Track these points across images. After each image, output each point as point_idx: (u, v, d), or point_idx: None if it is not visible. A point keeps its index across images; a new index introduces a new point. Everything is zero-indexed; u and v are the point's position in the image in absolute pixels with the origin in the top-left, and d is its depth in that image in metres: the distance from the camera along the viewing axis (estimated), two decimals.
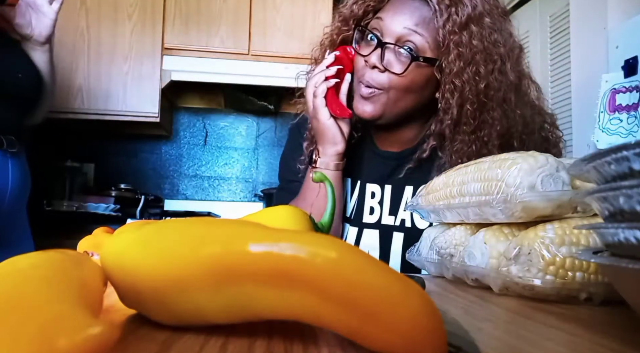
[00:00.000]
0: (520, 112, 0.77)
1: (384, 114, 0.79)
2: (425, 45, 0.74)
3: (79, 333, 0.17)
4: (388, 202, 0.87)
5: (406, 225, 0.85)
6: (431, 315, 0.22)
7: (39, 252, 0.26)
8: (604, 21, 1.70)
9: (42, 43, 1.26)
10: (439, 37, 0.74)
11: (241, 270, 0.24)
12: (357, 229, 0.88)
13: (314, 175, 0.51)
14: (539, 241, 0.42)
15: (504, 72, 0.75)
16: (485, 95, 0.74)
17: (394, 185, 0.87)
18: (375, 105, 0.78)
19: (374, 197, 0.88)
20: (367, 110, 0.79)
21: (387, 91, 0.77)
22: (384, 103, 0.78)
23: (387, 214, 0.86)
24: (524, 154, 0.47)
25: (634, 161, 0.25)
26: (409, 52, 0.74)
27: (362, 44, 0.80)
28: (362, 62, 0.79)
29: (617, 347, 0.28)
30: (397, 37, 0.75)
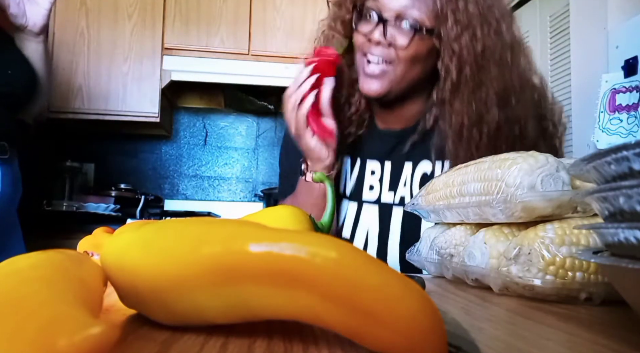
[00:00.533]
0: (517, 71, 0.78)
1: (391, 89, 0.79)
2: (424, 17, 0.75)
3: (79, 333, 0.17)
4: (388, 178, 0.87)
5: (406, 201, 0.85)
6: (431, 315, 0.22)
7: (39, 252, 0.26)
8: (604, 21, 1.70)
9: (36, 33, 1.25)
10: (436, 6, 0.75)
11: (241, 270, 0.24)
12: (356, 205, 0.89)
13: (314, 175, 0.51)
14: (539, 241, 0.42)
15: (499, 32, 0.77)
16: (483, 56, 0.75)
17: (394, 161, 0.87)
18: (382, 82, 0.78)
19: (373, 174, 0.88)
20: (373, 88, 0.79)
21: (393, 65, 0.77)
22: (390, 79, 0.78)
23: (387, 190, 0.87)
24: (524, 154, 0.47)
25: (634, 161, 0.25)
26: (411, 25, 0.75)
27: (361, 23, 0.80)
28: (364, 40, 0.79)
29: (617, 347, 0.28)
30: (396, 13, 0.76)
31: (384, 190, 0.87)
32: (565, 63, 1.94)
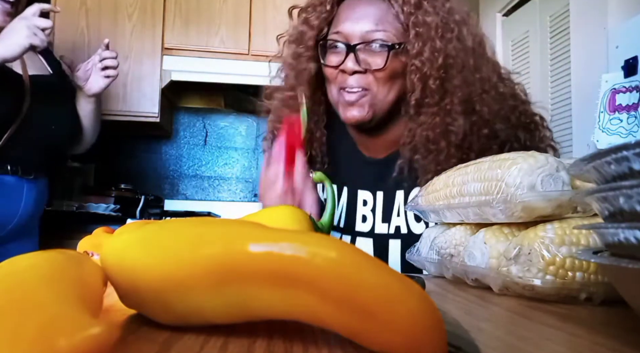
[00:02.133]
0: (479, 75, 0.76)
1: (374, 113, 0.78)
2: (391, 35, 0.75)
3: (78, 333, 0.17)
4: (380, 208, 0.85)
5: (402, 231, 0.82)
6: (431, 314, 0.22)
7: (39, 252, 0.26)
8: (604, 21, 1.70)
9: (89, 96, 1.49)
10: (398, 23, 0.75)
11: (241, 270, 0.24)
12: (349, 238, 0.86)
13: (314, 175, 0.51)
14: (539, 241, 0.42)
15: (461, 38, 0.75)
16: (445, 67, 0.74)
17: (385, 191, 0.84)
18: (363, 108, 0.77)
19: (365, 204, 0.86)
20: (356, 115, 0.77)
21: (372, 90, 0.76)
22: (371, 103, 0.77)
23: (380, 222, 0.84)
24: (524, 154, 0.47)
25: (634, 161, 0.25)
26: (381, 45, 0.74)
27: (328, 56, 0.78)
28: (336, 73, 0.77)
29: (617, 347, 0.28)
30: (362, 38, 0.75)
31: (377, 221, 0.85)
32: (565, 63, 1.94)
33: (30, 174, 1.39)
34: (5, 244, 1.36)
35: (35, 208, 1.44)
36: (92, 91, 1.48)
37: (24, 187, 1.38)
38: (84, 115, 1.53)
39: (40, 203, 1.47)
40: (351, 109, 0.77)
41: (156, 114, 2.30)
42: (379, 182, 0.85)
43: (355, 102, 0.76)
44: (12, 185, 1.35)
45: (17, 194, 1.37)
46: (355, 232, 0.85)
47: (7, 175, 1.33)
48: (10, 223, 1.36)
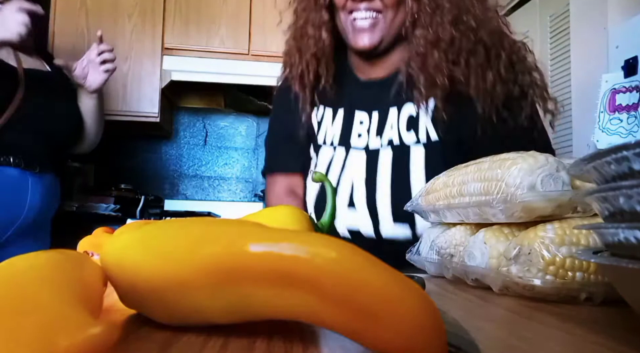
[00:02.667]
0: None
1: (383, 38, 0.81)
2: None
3: (79, 333, 0.17)
4: (375, 126, 0.87)
5: (394, 143, 0.84)
6: (431, 315, 0.22)
7: (39, 252, 0.26)
8: (604, 21, 1.70)
9: (90, 93, 1.51)
10: None
11: (241, 270, 0.24)
12: (344, 149, 0.88)
13: (313, 175, 0.51)
14: (539, 241, 0.42)
15: None
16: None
17: (380, 110, 0.87)
18: (373, 33, 0.80)
19: (362, 123, 0.88)
20: (367, 42, 0.80)
21: (382, 14, 0.80)
22: (381, 28, 0.80)
23: (374, 136, 0.87)
24: (524, 154, 0.47)
25: (634, 161, 0.25)
26: None
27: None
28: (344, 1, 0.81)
29: (617, 347, 0.28)
30: None
31: (372, 136, 0.87)
32: (565, 63, 1.94)
33: (35, 167, 1.38)
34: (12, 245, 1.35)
35: (43, 206, 1.43)
36: (92, 87, 1.48)
37: (28, 181, 1.36)
38: (86, 112, 1.53)
39: (48, 200, 1.45)
40: (362, 36, 0.80)
41: (156, 114, 2.30)
42: (375, 102, 0.88)
43: (366, 28, 0.80)
44: (16, 178, 1.34)
45: (22, 188, 1.36)
46: (350, 146, 0.88)
47: (10, 167, 1.33)
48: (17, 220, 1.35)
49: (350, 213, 0.85)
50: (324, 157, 0.91)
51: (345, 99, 0.90)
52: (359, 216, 0.85)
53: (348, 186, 0.87)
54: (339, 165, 0.88)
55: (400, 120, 0.85)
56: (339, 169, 0.88)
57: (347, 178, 0.87)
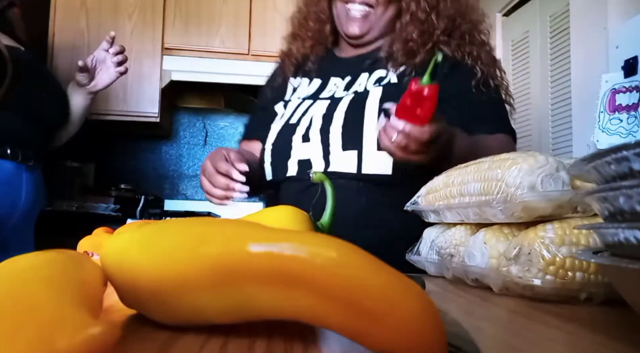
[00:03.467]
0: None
1: (371, 29, 0.92)
2: None
3: (79, 333, 0.17)
4: (344, 84, 0.96)
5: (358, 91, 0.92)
6: (431, 315, 0.22)
7: (39, 252, 0.26)
8: (604, 21, 1.70)
9: (89, 93, 1.45)
10: None
11: (241, 270, 0.24)
12: (312, 100, 0.95)
13: (313, 174, 0.51)
14: (539, 241, 0.42)
15: None
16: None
17: (354, 73, 0.96)
18: (364, 23, 0.91)
19: (335, 85, 0.97)
20: (356, 30, 0.91)
21: (374, 8, 0.90)
22: (371, 20, 0.91)
23: (341, 91, 0.95)
24: (524, 154, 0.47)
25: (634, 161, 0.25)
26: None
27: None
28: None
29: (617, 347, 0.28)
30: None
31: (339, 91, 0.95)
32: (565, 63, 1.94)
33: (30, 160, 1.33)
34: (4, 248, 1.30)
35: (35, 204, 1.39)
36: (97, 87, 1.44)
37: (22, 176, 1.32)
38: (76, 108, 1.48)
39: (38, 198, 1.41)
40: (353, 24, 0.91)
41: (156, 114, 2.30)
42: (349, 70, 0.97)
43: (359, 18, 0.91)
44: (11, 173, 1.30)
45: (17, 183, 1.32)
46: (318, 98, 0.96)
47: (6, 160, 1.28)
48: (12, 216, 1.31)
49: (304, 146, 0.91)
50: (290, 107, 0.98)
51: (324, 71, 1.00)
52: (312, 147, 0.90)
53: (306, 122, 0.92)
54: (303, 109, 0.95)
55: (369, 80, 0.93)
56: (301, 112, 0.94)
57: (307, 117, 0.93)
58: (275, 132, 0.98)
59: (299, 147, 0.92)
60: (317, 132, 0.90)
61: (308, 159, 0.91)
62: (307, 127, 0.92)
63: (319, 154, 0.90)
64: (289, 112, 0.98)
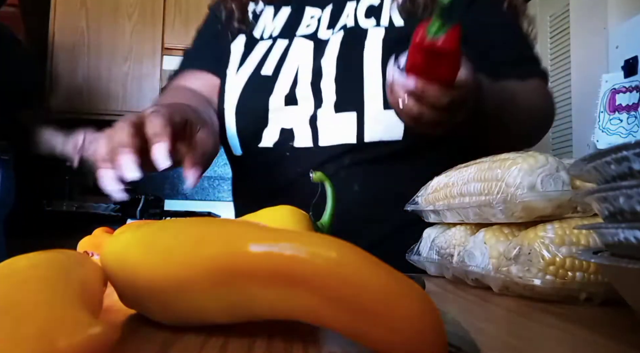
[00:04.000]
0: None
1: None
2: None
3: (78, 333, 0.17)
4: (327, 17, 0.76)
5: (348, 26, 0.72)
6: (431, 315, 0.22)
7: (39, 252, 0.26)
8: (604, 21, 1.70)
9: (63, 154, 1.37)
10: None
11: (241, 270, 0.24)
12: (286, 41, 0.74)
13: (313, 174, 0.50)
14: (539, 241, 0.42)
15: None
16: None
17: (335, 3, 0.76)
18: None
19: (312, 17, 0.77)
20: None
21: None
22: None
23: (325, 28, 0.74)
24: (524, 154, 0.47)
25: (634, 161, 0.25)
26: None
27: None
28: None
29: (617, 347, 0.28)
30: None
31: (322, 27, 0.75)
32: (565, 63, 1.94)
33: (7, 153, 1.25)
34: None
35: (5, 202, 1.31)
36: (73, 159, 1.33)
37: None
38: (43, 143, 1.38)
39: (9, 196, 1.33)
40: None
41: None
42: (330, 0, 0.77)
43: None
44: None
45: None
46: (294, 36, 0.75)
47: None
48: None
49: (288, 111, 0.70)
50: (257, 51, 0.75)
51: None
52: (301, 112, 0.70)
53: (289, 76, 0.71)
54: (278, 54, 0.73)
55: (358, 10, 0.74)
56: (276, 58, 0.73)
57: (289, 67, 0.72)
58: (238, 86, 0.73)
59: (282, 111, 0.70)
60: (307, 90, 0.69)
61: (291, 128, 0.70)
62: (292, 84, 0.70)
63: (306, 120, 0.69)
64: (257, 56, 0.74)
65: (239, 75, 0.75)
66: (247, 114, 0.73)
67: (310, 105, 0.70)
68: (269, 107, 0.71)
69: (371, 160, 0.68)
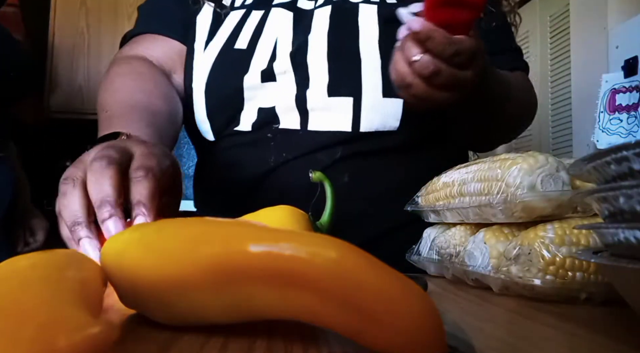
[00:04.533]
0: None
1: None
2: None
3: (78, 333, 0.17)
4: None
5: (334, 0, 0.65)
6: (430, 315, 0.22)
7: (39, 252, 0.26)
8: (604, 21, 1.70)
9: None
10: None
11: (241, 270, 0.24)
12: (262, 11, 0.66)
13: (313, 174, 0.50)
14: (539, 241, 0.42)
15: None
16: None
17: None
18: None
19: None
20: None
21: None
22: None
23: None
24: (524, 154, 0.47)
25: (634, 161, 0.25)
26: None
27: None
28: None
29: (617, 347, 0.28)
30: None
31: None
32: (565, 63, 1.94)
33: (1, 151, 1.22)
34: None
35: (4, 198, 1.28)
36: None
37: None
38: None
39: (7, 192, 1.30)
40: None
41: None
42: None
43: None
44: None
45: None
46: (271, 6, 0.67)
47: None
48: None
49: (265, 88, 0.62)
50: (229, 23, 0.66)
51: None
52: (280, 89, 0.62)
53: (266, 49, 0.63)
54: (251, 27, 0.65)
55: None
56: (250, 32, 0.64)
57: (266, 39, 0.64)
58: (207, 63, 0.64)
59: (259, 89, 0.62)
60: (287, 65, 0.61)
61: (272, 106, 0.62)
62: (269, 58, 0.62)
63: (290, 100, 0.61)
64: (228, 28, 0.66)
65: (208, 51, 0.66)
66: (219, 93, 0.64)
67: (291, 82, 0.62)
68: (244, 85, 0.63)
69: (366, 152, 0.63)
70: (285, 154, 0.63)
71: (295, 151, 0.63)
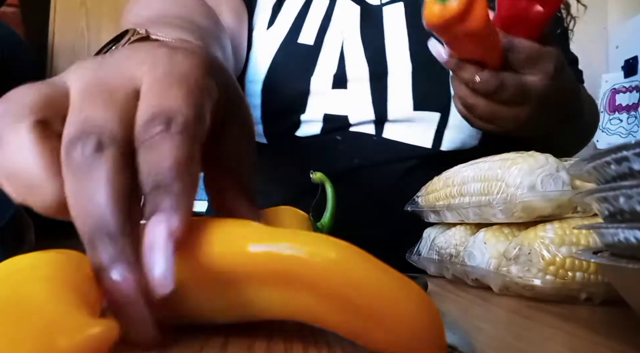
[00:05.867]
0: None
1: None
2: None
3: (78, 333, 0.17)
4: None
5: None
6: (430, 315, 0.22)
7: (39, 252, 0.25)
8: (604, 21, 1.70)
9: None
10: None
11: (241, 270, 0.24)
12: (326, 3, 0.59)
13: (313, 175, 0.50)
14: (539, 241, 0.42)
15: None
16: None
17: None
18: None
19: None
20: None
21: None
22: None
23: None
24: (524, 154, 0.47)
25: (634, 161, 0.25)
26: None
27: None
28: None
29: (617, 347, 0.28)
30: None
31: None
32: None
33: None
34: None
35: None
36: None
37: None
38: None
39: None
40: None
41: None
42: None
43: None
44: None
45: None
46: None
47: None
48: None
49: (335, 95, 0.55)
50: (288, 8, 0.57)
51: None
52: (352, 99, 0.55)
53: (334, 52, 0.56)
54: (316, 20, 0.57)
55: None
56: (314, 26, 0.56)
57: (332, 39, 0.56)
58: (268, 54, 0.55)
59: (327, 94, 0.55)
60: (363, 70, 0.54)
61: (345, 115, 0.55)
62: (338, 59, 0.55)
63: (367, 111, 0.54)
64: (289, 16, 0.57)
65: (270, 36, 0.56)
66: (281, 95, 0.56)
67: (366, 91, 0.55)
68: (310, 88, 0.55)
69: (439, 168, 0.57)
70: (358, 160, 0.57)
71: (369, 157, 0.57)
